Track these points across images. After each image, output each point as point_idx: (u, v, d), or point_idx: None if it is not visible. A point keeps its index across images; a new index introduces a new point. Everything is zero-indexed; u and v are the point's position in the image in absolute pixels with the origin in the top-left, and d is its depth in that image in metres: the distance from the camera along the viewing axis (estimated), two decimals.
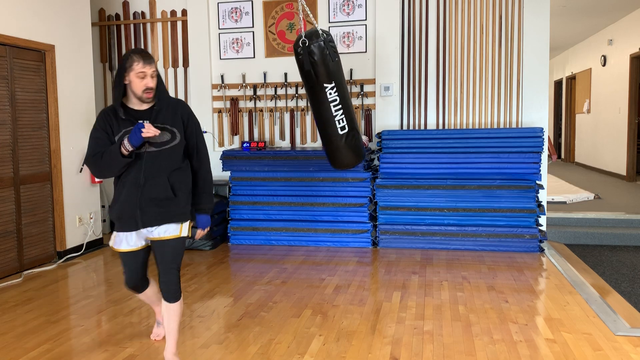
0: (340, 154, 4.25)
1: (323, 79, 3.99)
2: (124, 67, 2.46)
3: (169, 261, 2.55)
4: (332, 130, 4.15)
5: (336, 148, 4.22)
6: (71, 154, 4.99)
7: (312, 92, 4.10)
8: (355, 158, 4.32)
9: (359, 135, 4.34)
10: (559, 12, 8.57)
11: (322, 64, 3.93)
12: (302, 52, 3.93)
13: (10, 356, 2.84)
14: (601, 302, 3.49)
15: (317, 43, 3.88)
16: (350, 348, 2.84)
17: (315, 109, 4.18)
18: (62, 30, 4.89)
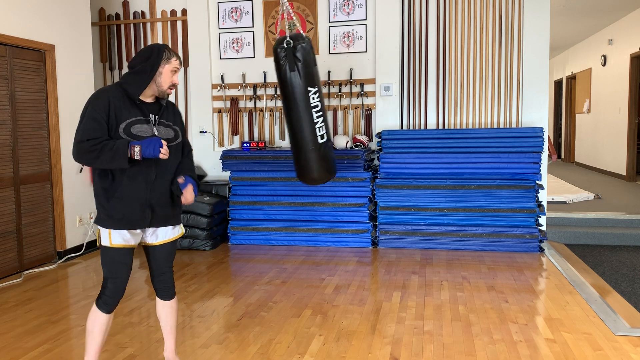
0: (315, 166, 3.94)
1: (308, 82, 3.82)
2: (161, 57, 2.39)
3: (167, 261, 2.54)
4: (312, 138, 3.87)
5: (312, 159, 3.92)
6: (71, 154, 4.99)
7: (292, 97, 3.85)
8: (329, 172, 4.04)
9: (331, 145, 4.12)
10: (559, 12, 8.57)
11: (307, 66, 3.80)
12: (286, 53, 3.76)
13: (10, 356, 2.84)
14: (601, 302, 3.49)
15: (301, 45, 3.79)
16: (350, 348, 2.84)
17: (294, 115, 3.87)
18: (62, 30, 4.89)
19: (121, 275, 2.38)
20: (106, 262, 2.38)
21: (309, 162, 3.95)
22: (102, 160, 2.24)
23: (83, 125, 2.27)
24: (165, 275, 2.54)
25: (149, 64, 2.38)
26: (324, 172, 3.95)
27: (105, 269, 2.38)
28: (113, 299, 2.38)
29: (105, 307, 2.37)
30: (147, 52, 2.41)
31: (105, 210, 2.36)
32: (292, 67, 3.75)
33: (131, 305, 3.58)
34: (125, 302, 3.64)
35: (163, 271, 2.54)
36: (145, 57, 2.40)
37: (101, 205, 2.38)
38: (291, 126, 3.91)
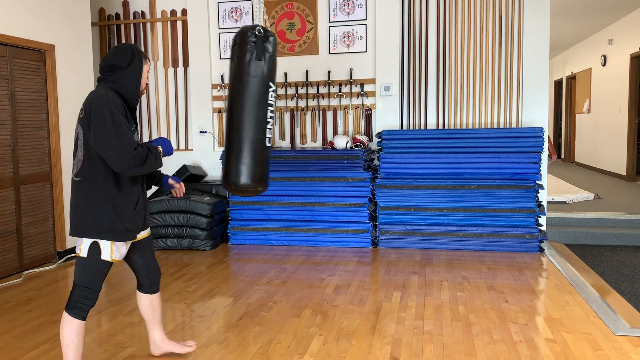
0: (257, 170, 3.30)
1: (271, 76, 3.40)
2: (142, 57, 2.43)
3: (153, 256, 2.66)
4: (261, 137, 3.33)
5: (256, 161, 3.29)
6: (71, 154, 4.99)
7: (252, 87, 3.35)
8: (265, 183, 3.35)
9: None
10: (559, 12, 8.57)
11: (273, 61, 3.42)
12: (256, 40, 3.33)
13: (10, 356, 2.84)
14: (601, 302, 3.49)
15: (272, 38, 3.40)
16: (350, 348, 2.84)
17: (247, 107, 3.34)
18: (62, 30, 4.89)
19: (101, 285, 2.42)
20: (92, 274, 2.37)
21: (251, 165, 3.28)
22: (147, 165, 2.29)
23: (122, 135, 2.21)
24: (156, 271, 2.68)
25: (137, 65, 2.40)
26: (261, 180, 3.31)
27: (88, 279, 2.36)
28: (91, 306, 2.39)
29: (82, 315, 2.36)
30: (125, 51, 2.39)
31: (119, 223, 2.34)
32: (260, 55, 3.34)
33: (131, 305, 3.58)
34: (125, 302, 3.64)
35: (154, 267, 2.66)
36: (127, 57, 2.38)
37: (114, 217, 2.33)
38: (239, 120, 3.32)
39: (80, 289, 2.36)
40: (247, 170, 3.23)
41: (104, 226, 2.32)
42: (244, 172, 3.23)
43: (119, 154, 2.20)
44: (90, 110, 2.26)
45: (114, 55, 2.39)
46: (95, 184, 2.31)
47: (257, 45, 3.30)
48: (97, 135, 2.22)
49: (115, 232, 2.34)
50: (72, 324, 2.34)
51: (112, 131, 2.20)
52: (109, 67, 2.38)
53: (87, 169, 2.31)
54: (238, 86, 3.36)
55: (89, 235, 2.33)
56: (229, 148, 3.28)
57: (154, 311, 2.69)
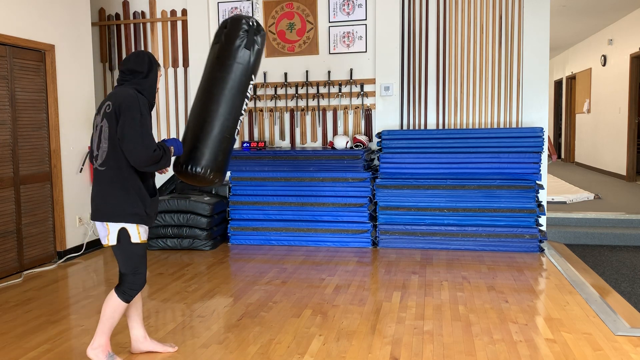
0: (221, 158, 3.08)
1: (254, 70, 3.30)
2: (156, 66, 2.67)
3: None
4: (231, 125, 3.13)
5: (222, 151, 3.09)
6: (71, 154, 4.99)
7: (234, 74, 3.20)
8: (222, 174, 3.14)
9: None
10: (559, 12, 8.57)
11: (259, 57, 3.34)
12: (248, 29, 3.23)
13: (10, 356, 2.84)
14: (601, 302, 3.49)
15: (263, 33, 3.33)
16: (350, 348, 2.84)
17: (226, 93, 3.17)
18: (62, 30, 4.89)
19: (145, 266, 2.65)
20: (135, 260, 2.58)
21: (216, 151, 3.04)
22: (161, 164, 2.53)
23: (146, 136, 2.45)
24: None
25: (154, 72, 2.65)
26: (220, 171, 3.09)
27: (133, 264, 2.58)
28: (139, 290, 2.63)
29: (130, 299, 2.59)
30: (144, 58, 2.63)
31: (143, 207, 2.55)
32: (249, 45, 3.23)
33: None
34: None
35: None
36: (145, 64, 2.62)
37: (138, 202, 2.53)
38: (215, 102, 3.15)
39: (129, 277, 2.58)
40: (210, 156, 2.99)
41: (128, 210, 2.52)
42: (207, 158, 2.97)
43: (139, 152, 2.43)
44: (120, 107, 2.46)
45: (134, 61, 2.62)
46: (119, 173, 2.50)
47: (249, 34, 3.19)
48: (124, 131, 2.43)
49: (139, 215, 2.55)
50: (117, 303, 2.58)
51: (139, 131, 2.44)
52: (130, 71, 2.60)
53: (112, 159, 2.50)
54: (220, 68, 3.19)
55: (115, 219, 2.51)
56: (195, 129, 3.04)
57: (136, 307, 2.78)
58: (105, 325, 2.60)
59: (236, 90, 3.20)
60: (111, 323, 2.60)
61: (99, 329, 2.62)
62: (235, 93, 3.19)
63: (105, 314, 2.59)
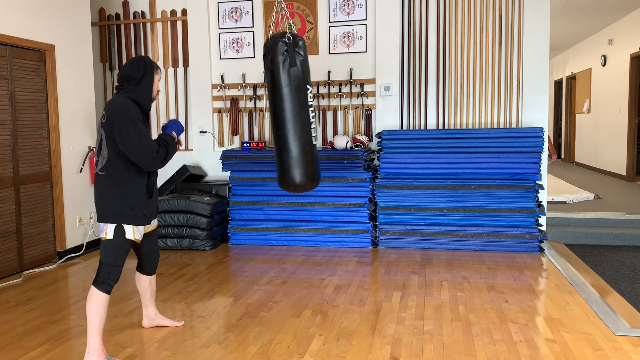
0: (310, 168, 3.62)
1: (307, 79, 3.61)
2: (153, 69, 2.81)
3: (157, 244, 3.08)
4: (308, 139, 3.59)
5: (307, 161, 3.60)
6: (71, 154, 4.99)
7: (293, 93, 3.58)
8: (315, 178, 3.70)
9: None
10: (559, 12, 8.57)
11: (307, 63, 3.62)
12: (288, 47, 3.52)
13: (10, 356, 2.84)
14: (601, 302, 3.49)
15: (302, 42, 3.59)
16: (350, 348, 2.84)
17: (293, 113, 3.58)
18: (62, 30, 4.89)
19: (123, 261, 2.76)
20: (117, 252, 2.72)
21: (304, 164, 3.60)
22: (169, 156, 2.76)
23: (144, 141, 2.63)
24: (156, 255, 3.09)
25: (149, 77, 2.77)
26: (314, 177, 3.66)
27: (114, 257, 2.72)
28: (116, 281, 2.75)
29: (108, 289, 2.71)
30: (139, 64, 2.78)
31: (139, 209, 2.73)
32: (294, 62, 3.55)
33: (131, 305, 3.58)
34: (125, 302, 3.64)
35: (154, 252, 3.06)
36: (141, 70, 2.76)
37: (135, 205, 2.72)
38: (285, 126, 3.59)
39: (107, 267, 2.71)
40: (300, 170, 3.57)
41: (127, 213, 2.70)
42: (298, 173, 3.57)
43: (143, 157, 2.64)
44: (113, 118, 2.64)
45: (129, 67, 2.78)
46: (118, 178, 2.69)
47: (290, 52, 3.54)
48: (123, 142, 2.62)
49: (136, 217, 2.73)
50: (98, 297, 2.68)
51: (135, 138, 2.61)
52: (125, 77, 2.76)
53: (111, 166, 2.68)
54: (279, 95, 3.58)
55: (115, 221, 2.70)
56: (280, 152, 3.60)
57: (152, 290, 3.11)
58: (94, 324, 2.66)
59: (300, 106, 3.58)
60: (98, 320, 2.67)
61: (88, 331, 2.67)
62: (300, 109, 3.58)
63: (90, 312, 2.67)
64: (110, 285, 2.71)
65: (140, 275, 3.07)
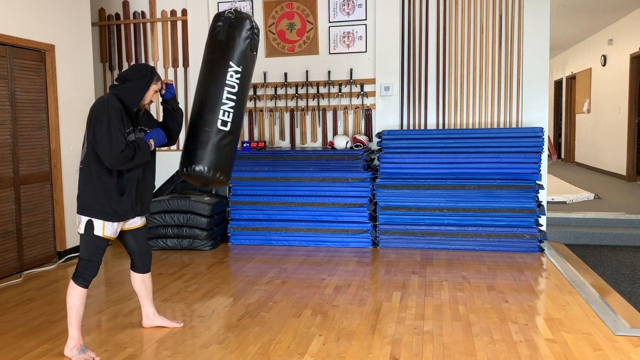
0: (205, 154, 3.03)
1: (232, 57, 3.19)
2: (153, 78, 2.82)
3: (145, 242, 3.09)
4: (210, 118, 3.08)
5: (201, 144, 3.04)
6: (71, 154, 4.99)
7: (210, 65, 3.23)
8: (220, 172, 3.09)
9: (235, 149, 3.24)
10: (559, 12, 8.57)
11: (239, 43, 3.23)
12: (223, 20, 3.23)
13: (10, 356, 2.84)
14: (601, 302, 3.49)
15: (245, 22, 3.26)
16: (350, 348, 2.84)
17: (202, 86, 3.21)
18: (62, 30, 4.89)
19: (100, 258, 2.83)
20: (92, 248, 2.80)
21: (200, 148, 3.03)
22: (135, 160, 2.72)
23: (114, 138, 2.62)
24: (147, 253, 3.10)
25: (144, 81, 2.79)
26: (218, 167, 3.07)
27: (89, 252, 2.80)
28: (93, 276, 2.81)
29: (85, 284, 2.79)
30: (141, 70, 2.81)
31: (108, 205, 2.76)
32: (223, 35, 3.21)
33: (131, 305, 3.58)
34: (125, 302, 3.64)
35: (145, 250, 3.07)
36: (140, 74, 2.79)
37: (104, 200, 2.76)
38: (196, 97, 3.22)
39: (83, 262, 2.80)
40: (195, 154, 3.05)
41: (96, 207, 2.76)
42: (193, 157, 3.05)
43: (109, 154, 2.64)
44: (92, 114, 2.69)
45: (130, 71, 2.82)
46: (92, 172, 2.75)
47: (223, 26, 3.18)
48: (94, 135, 2.66)
49: (105, 213, 2.77)
50: (75, 290, 2.78)
51: (106, 134, 2.63)
52: (121, 77, 2.81)
53: (88, 159, 2.75)
54: (203, 68, 3.32)
55: (87, 213, 2.79)
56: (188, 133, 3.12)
57: (146, 288, 3.13)
58: (71, 315, 2.78)
59: (218, 84, 3.14)
60: (75, 312, 2.78)
61: (68, 322, 2.80)
62: (217, 88, 3.13)
63: (68, 305, 2.79)
64: (86, 280, 2.79)
65: (133, 273, 3.12)
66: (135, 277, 3.11)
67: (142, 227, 3.04)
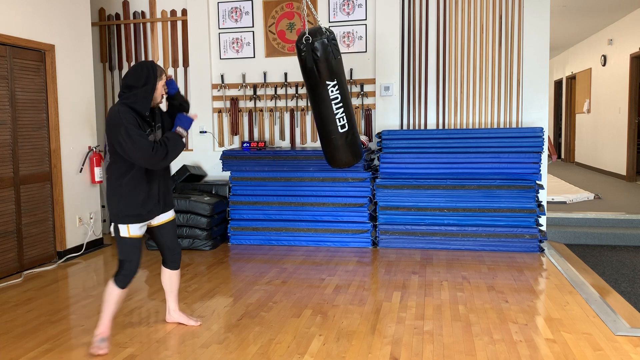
0: (339, 153, 4.16)
1: (325, 76, 3.90)
2: (156, 76, 2.85)
3: (175, 237, 3.14)
4: (332, 128, 4.03)
5: (335, 147, 4.13)
6: (71, 154, 4.99)
7: (313, 90, 4.01)
8: (354, 157, 4.24)
9: (358, 135, 4.28)
10: (559, 12, 8.57)
11: (325, 60, 3.84)
12: (305, 49, 3.84)
13: (10, 356, 2.84)
14: (601, 302, 3.49)
15: (320, 40, 3.81)
16: (350, 348, 2.84)
17: (316, 107, 4.08)
18: (62, 30, 4.89)
19: (137, 256, 2.92)
20: (125, 248, 2.89)
21: (334, 150, 4.11)
22: (172, 154, 2.82)
23: (138, 144, 2.70)
24: (176, 250, 3.15)
25: (150, 85, 2.82)
26: (350, 156, 4.16)
27: (123, 253, 2.89)
28: (131, 275, 2.91)
29: (122, 284, 2.89)
30: (142, 71, 2.83)
31: (132, 210, 2.85)
32: (310, 62, 3.84)
33: (131, 305, 3.58)
34: (125, 302, 3.64)
35: (172, 246, 3.12)
36: (143, 78, 2.81)
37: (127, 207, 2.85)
38: (315, 116, 4.10)
39: (120, 262, 2.90)
40: (332, 156, 4.17)
41: (120, 214, 2.86)
42: (332, 158, 4.18)
43: (141, 157, 2.74)
44: (108, 126, 2.77)
45: (132, 75, 2.83)
46: (113, 181, 2.87)
47: (307, 54, 3.89)
48: (121, 147, 2.73)
49: (129, 217, 2.86)
50: (113, 290, 2.89)
51: (129, 143, 2.71)
52: (127, 87, 2.83)
53: (110, 169, 2.87)
54: (308, 93, 4.09)
55: (113, 220, 2.90)
56: (321, 142, 4.17)
57: (170, 284, 3.20)
58: (105, 307, 2.91)
59: (325, 102, 3.96)
60: (109, 306, 2.90)
61: (102, 309, 2.94)
62: (326, 106, 3.97)
63: (104, 300, 2.93)
64: (123, 280, 2.89)
65: (162, 268, 3.21)
66: (164, 272, 3.20)
67: (169, 222, 3.09)
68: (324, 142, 4.18)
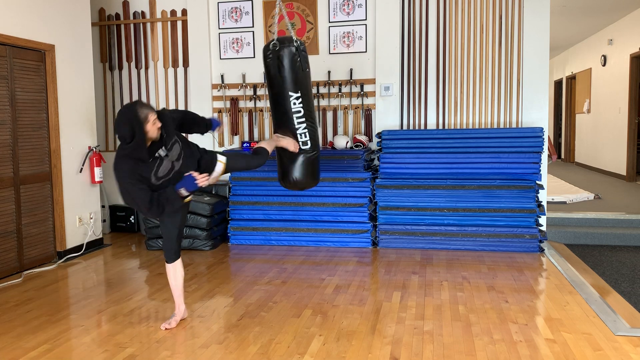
0: (294, 171, 3.90)
1: (289, 86, 3.73)
2: (140, 122, 2.79)
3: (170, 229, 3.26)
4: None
5: (291, 163, 3.87)
6: (71, 154, 4.99)
7: (275, 100, 3.83)
8: (310, 179, 3.99)
9: (318, 158, 4.07)
10: (559, 12, 8.56)
11: (291, 70, 3.70)
12: (271, 55, 3.70)
13: (10, 356, 2.84)
14: (601, 302, 3.49)
15: (288, 48, 3.68)
16: (350, 348, 2.84)
17: (276, 118, 3.87)
18: (62, 30, 4.89)
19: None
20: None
21: (288, 166, 3.91)
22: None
23: (137, 199, 2.85)
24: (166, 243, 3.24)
25: (138, 136, 2.79)
26: (305, 178, 3.98)
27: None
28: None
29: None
30: (126, 125, 2.78)
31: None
32: (275, 69, 3.69)
33: (131, 305, 3.58)
34: (125, 302, 3.64)
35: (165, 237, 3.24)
36: (129, 132, 2.77)
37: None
38: (274, 129, 3.93)
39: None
40: (285, 172, 4.02)
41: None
42: (284, 174, 4.03)
43: (139, 209, 2.96)
44: (114, 173, 2.89)
45: (119, 128, 2.81)
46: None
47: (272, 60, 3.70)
48: (123, 197, 2.91)
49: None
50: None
51: (128, 197, 2.88)
52: (120, 137, 2.85)
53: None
54: (270, 102, 3.93)
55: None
56: (277, 155, 3.99)
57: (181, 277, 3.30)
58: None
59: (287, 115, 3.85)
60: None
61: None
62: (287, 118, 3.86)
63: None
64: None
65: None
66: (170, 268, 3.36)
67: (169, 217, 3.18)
68: (279, 156, 3.88)
